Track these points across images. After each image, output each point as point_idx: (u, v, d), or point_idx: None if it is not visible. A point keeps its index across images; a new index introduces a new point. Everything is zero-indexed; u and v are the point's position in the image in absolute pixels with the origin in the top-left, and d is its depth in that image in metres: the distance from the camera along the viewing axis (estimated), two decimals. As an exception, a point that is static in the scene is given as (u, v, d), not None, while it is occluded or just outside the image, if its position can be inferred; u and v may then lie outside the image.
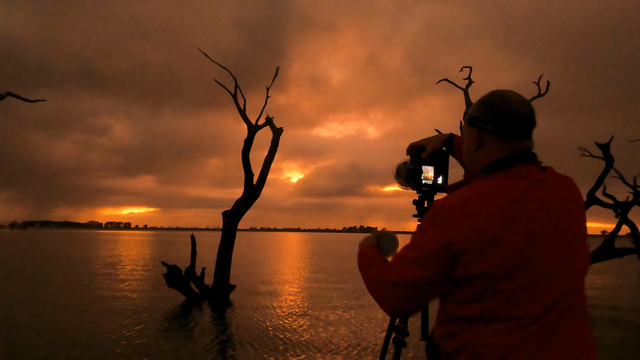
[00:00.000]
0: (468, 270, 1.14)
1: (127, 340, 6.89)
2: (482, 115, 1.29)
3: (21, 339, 6.93)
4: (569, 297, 1.18)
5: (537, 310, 1.13)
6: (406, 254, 1.24)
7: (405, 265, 1.23)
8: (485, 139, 1.29)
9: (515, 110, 1.26)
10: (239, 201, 11.45)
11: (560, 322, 1.15)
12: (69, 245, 43.93)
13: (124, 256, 27.71)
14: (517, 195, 1.17)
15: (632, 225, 18.27)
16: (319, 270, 20.30)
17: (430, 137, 1.83)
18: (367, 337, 7.37)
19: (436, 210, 1.21)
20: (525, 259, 1.13)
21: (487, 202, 1.16)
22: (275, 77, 12.48)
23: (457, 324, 1.19)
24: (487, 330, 1.14)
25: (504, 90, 1.32)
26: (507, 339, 1.12)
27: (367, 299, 11.58)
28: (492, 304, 1.14)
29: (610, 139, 14.05)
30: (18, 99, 9.92)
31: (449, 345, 1.21)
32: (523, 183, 1.20)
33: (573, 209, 1.24)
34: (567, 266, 1.19)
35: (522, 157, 1.25)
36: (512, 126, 1.26)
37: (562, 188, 1.25)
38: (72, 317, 8.65)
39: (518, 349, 1.12)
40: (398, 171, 1.81)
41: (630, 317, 9.69)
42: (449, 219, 1.17)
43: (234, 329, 7.91)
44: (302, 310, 9.78)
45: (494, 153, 1.27)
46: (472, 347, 1.15)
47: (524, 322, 1.13)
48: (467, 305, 1.17)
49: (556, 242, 1.18)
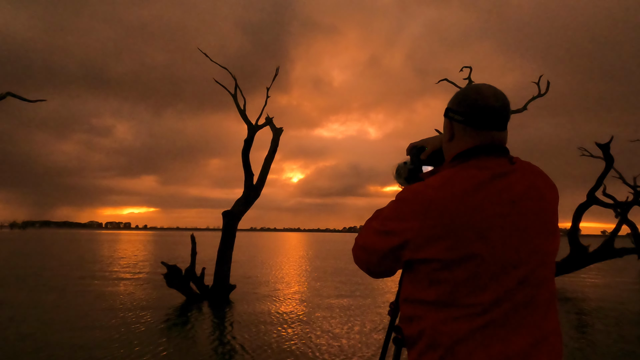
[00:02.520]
0: (418, 253, 1.20)
1: (127, 340, 6.89)
2: (454, 106, 1.33)
3: (15, 341, 6.93)
4: (526, 288, 1.17)
5: (488, 299, 1.14)
6: (374, 224, 1.33)
7: (370, 234, 1.33)
8: (456, 129, 1.33)
9: (486, 102, 1.28)
10: (239, 201, 11.45)
11: (514, 313, 1.15)
12: (68, 246, 43.92)
13: (124, 256, 27.70)
14: (474, 186, 1.19)
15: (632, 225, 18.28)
16: (318, 269, 20.29)
17: (430, 138, 1.84)
18: (368, 338, 7.37)
19: (403, 193, 1.27)
20: (475, 248, 1.15)
21: (443, 190, 1.20)
22: (275, 77, 12.51)
23: (414, 306, 1.23)
24: (440, 317, 1.17)
25: (479, 84, 1.34)
26: (458, 327, 1.14)
27: (367, 298, 11.58)
28: (444, 291, 1.17)
29: (610, 139, 14.06)
30: (18, 99, 9.93)
31: (410, 329, 1.25)
32: (484, 174, 1.22)
33: (536, 203, 1.24)
34: (523, 259, 1.18)
35: (489, 149, 1.27)
36: (482, 117, 1.28)
37: (527, 181, 1.25)
38: (71, 316, 8.65)
39: (469, 337, 1.13)
40: (398, 171, 1.81)
41: (630, 316, 9.69)
42: (408, 203, 1.23)
43: (234, 329, 7.91)
44: (302, 310, 9.78)
45: (464, 144, 1.31)
46: (428, 333, 1.19)
47: (475, 310, 1.14)
48: (421, 289, 1.21)
49: (513, 234, 1.18)
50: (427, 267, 1.19)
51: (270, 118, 12.13)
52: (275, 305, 10.36)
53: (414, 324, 1.23)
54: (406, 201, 1.24)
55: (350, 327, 8.13)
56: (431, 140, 1.82)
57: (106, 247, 41.88)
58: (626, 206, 17.07)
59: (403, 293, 1.30)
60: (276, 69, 12.64)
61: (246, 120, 11.91)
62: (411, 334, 1.24)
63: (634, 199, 17.39)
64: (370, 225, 1.35)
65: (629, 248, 15.21)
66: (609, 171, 14.50)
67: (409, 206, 1.23)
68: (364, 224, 1.44)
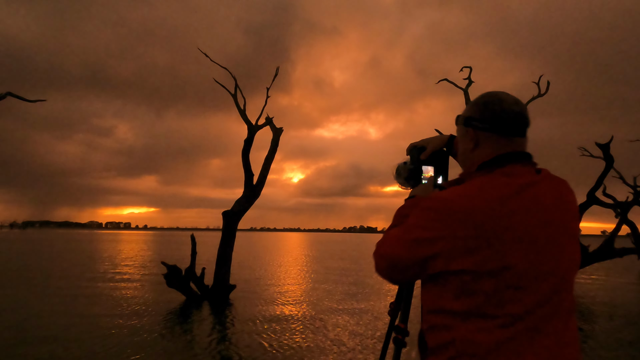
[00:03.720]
0: (450, 265, 1.17)
1: (126, 340, 6.89)
2: (477, 115, 1.32)
3: (16, 339, 6.93)
4: (555, 298, 1.18)
5: (521, 310, 1.14)
6: (398, 233, 1.30)
7: (396, 243, 1.29)
8: (481, 138, 1.31)
9: (510, 109, 1.28)
10: (239, 201, 11.46)
11: (544, 322, 1.16)
12: (68, 246, 43.91)
13: (124, 256, 27.70)
14: (507, 195, 1.18)
15: (632, 225, 18.26)
16: (318, 269, 20.29)
17: (431, 138, 1.84)
18: (368, 338, 7.38)
19: (430, 201, 1.24)
20: (510, 258, 1.14)
21: (477, 199, 1.17)
22: (275, 77, 12.51)
23: (443, 316, 1.21)
24: (471, 327, 1.15)
25: (497, 91, 1.35)
26: (490, 337, 1.13)
27: (367, 298, 11.58)
28: (475, 302, 1.15)
29: (610, 139, 14.06)
30: (18, 98, 9.93)
31: (435, 339, 1.22)
32: (516, 182, 1.21)
33: (565, 213, 1.24)
34: (555, 268, 1.19)
35: (516, 157, 1.27)
36: (508, 125, 1.28)
37: (554, 191, 1.25)
38: (70, 317, 8.65)
39: (500, 347, 1.13)
40: (398, 171, 1.81)
41: (630, 316, 9.69)
42: (438, 212, 1.20)
43: (233, 329, 7.91)
44: (302, 310, 9.78)
45: (490, 152, 1.29)
46: (456, 344, 1.16)
47: (506, 321, 1.13)
48: (451, 300, 1.19)
49: (544, 244, 1.18)
50: (458, 278, 1.17)
51: (270, 118, 12.13)
52: (275, 305, 10.36)
53: (443, 334, 1.20)
54: (437, 210, 1.20)
55: (351, 327, 8.12)
56: (431, 141, 1.82)
57: (106, 247, 41.88)
58: (626, 206, 17.06)
59: (429, 303, 1.27)
60: (276, 69, 12.65)
61: (246, 120, 11.92)
62: (438, 344, 1.21)
63: (634, 199, 17.39)
64: (395, 233, 1.31)
65: (629, 248, 15.21)
66: (609, 171, 14.50)
67: (440, 215, 1.19)
68: (389, 233, 1.39)
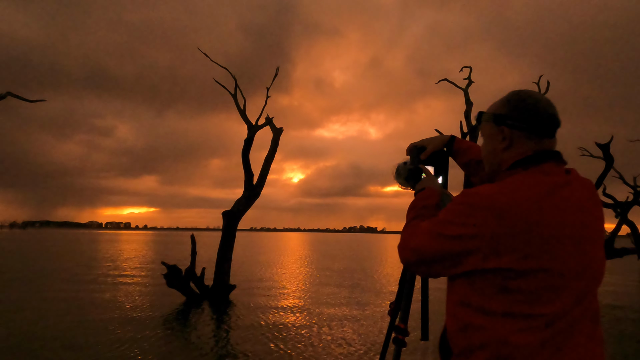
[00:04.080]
0: (487, 262, 1.14)
1: (126, 340, 6.89)
2: (512, 113, 1.30)
3: (17, 340, 6.93)
4: (587, 298, 1.18)
5: (557, 310, 1.13)
6: (433, 227, 1.26)
7: (428, 237, 1.25)
8: (516, 137, 1.30)
9: (545, 110, 1.28)
10: (239, 201, 11.46)
11: (578, 323, 1.16)
12: (68, 246, 43.90)
13: (124, 256, 27.69)
14: (546, 193, 1.17)
15: (632, 225, 18.27)
16: (318, 269, 20.29)
17: (431, 138, 1.84)
18: (368, 338, 7.37)
19: (467, 197, 1.21)
20: (549, 257, 1.13)
21: (517, 196, 1.16)
22: (275, 77, 12.51)
23: (477, 316, 1.17)
24: (508, 328, 1.13)
25: (530, 91, 1.33)
26: (528, 339, 1.11)
27: (367, 299, 11.58)
28: (513, 300, 1.13)
29: (610, 139, 14.07)
30: (18, 98, 9.93)
31: (466, 340, 1.19)
32: (552, 181, 1.21)
33: (595, 213, 1.24)
34: (588, 268, 1.19)
35: (551, 156, 1.27)
36: (544, 125, 1.28)
37: (585, 191, 1.25)
38: (70, 317, 8.65)
39: (539, 349, 1.11)
40: (398, 171, 1.81)
41: (630, 315, 9.69)
42: (477, 208, 1.17)
43: (234, 329, 7.91)
44: (302, 310, 9.78)
45: (523, 151, 1.28)
46: (492, 345, 1.13)
47: (544, 321, 1.12)
48: (485, 299, 1.16)
49: (578, 243, 1.18)
50: (495, 276, 1.14)
51: (270, 118, 12.13)
52: (275, 305, 10.35)
53: (476, 335, 1.17)
54: (475, 206, 1.17)
55: (353, 327, 8.12)
56: (431, 141, 1.82)
57: (106, 247, 41.87)
58: (626, 206, 17.08)
59: (459, 301, 1.23)
60: (276, 69, 12.65)
61: (246, 120, 11.92)
62: (470, 346, 1.18)
63: (634, 199, 17.40)
64: (427, 227, 1.28)
65: (629, 248, 15.23)
66: (609, 171, 14.51)
67: (479, 211, 1.16)
68: (409, 225, 1.38)
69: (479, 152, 1.79)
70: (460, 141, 1.85)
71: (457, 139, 1.86)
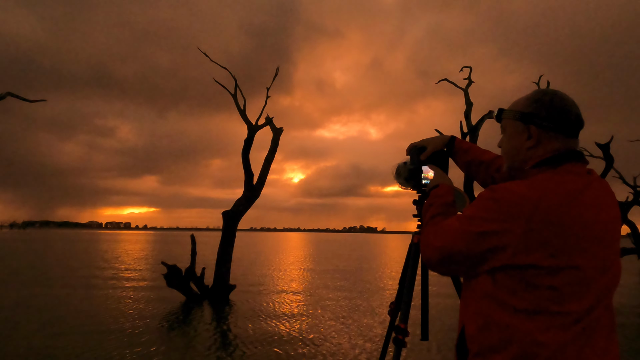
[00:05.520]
0: (516, 259, 1.14)
1: (126, 340, 6.89)
2: (540, 113, 1.30)
3: (15, 341, 6.93)
4: (607, 297, 1.20)
5: (584, 307, 1.14)
6: (459, 225, 1.25)
7: (453, 235, 1.25)
8: (542, 135, 1.30)
9: (574, 110, 1.30)
10: (239, 201, 11.46)
11: (599, 321, 1.17)
12: (67, 246, 43.89)
13: (123, 256, 27.68)
14: (575, 191, 1.19)
15: (632, 225, 18.29)
16: (318, 269, 20.28)
17: (431, 138, 1.84)
18: (368, 338, 7.37)
19: (496, 193, 1.21)
20: (577, 254, 1.14)
21: (548, 194, 1.16)
22: (275, 76, 12.51)
23: (501, 314, 1.16)
24: (535, 325, 1.12)
25: (557, 91, 1.34)
26: (557, 336, 1.11)
27: (368, 299, 11.58)
28: (539, 298, 1.13)
29: (610, 139, 14.07)
30: (18, 98, 9.93)
31: (488, 339, 1.17)
32: (578, 180, 1.22)
33: (614, 213, 1.26)
34: (611, 267, 1.20)
35: (575, 156, 1.28)
36: (571, 125, 1.29)
37: (606, 190, 1.27)
38: (70, 317, 8.65)
39: (567, 346, 1.11)
40: (398, 171, 1.81)
41: (630, 316, 9.69)
42: (507, 204, 1.17)
43: (234, 329, 7.90)
44: (302, 310, 9.78)
45: (550, 150, 1.29)
46: (519, 344, 1.13)
47: (571, 318, 1.12)
48: (512, 296, 1.16)
49: (603, 242, 1.19)
50: (522, 272, 1.14)
51: (270, 118, 12.12)
52: (275, 305, 10.35)
53: (499, 333, 1.16)
54: (505, 202, 1.17)
55: (353, 327, 8.12)
56: (432, 141, 1.82)
57: (105, 247, 41.84)
58: (626, 206, 17.09)
59: (480, 299, 1.21)
60: (276, 68, 12.64)
61: (246, 120, 11.92)
62: (490, 343, 1.17)
63: (634, 199, 17.41)
64: (454, 225, 1.27)
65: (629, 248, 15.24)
66: (609, 171, 14.50)
67: (509, 207, 1.16)
68: (432, 222, 1.37)
69: (479, 153, 1.79)
70: (461, 142, 1.85)
71: (458, 139, 1.86)
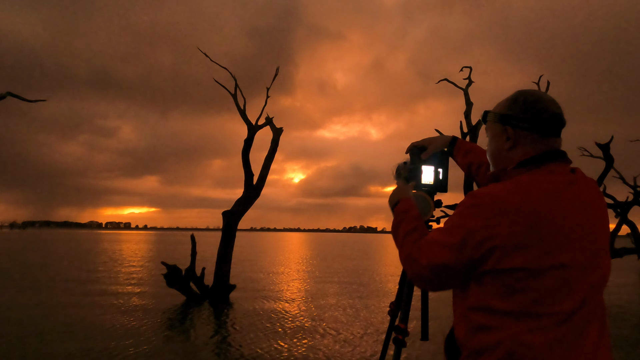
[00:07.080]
0: (502, 263, 1.14)
1: (126, 340, 6.88)
2: (517, 113, 1.30)
3: (17, 341, 6.93)
4: (595, 297, 1.19)
5: (570, 307, 1.13)
6: (441, 238, 1.24)
7: (437, 250, 1.23)
8: (520, 136, 1.30)
9: (550, 109, 1.29)
10: (239, 201, 11.45)
11: (587, 321, 1.16)
12: (67, 246, 43.88)
13: (123, 256, 27.67)
14: (556, 191, 1.18)
15: (632, 225, 18.28)
16: (319, 269, 20.28)
17: (432, 138, 1.83)
18: (368, 338, 7.37)
19: (476, 199, 1.20)
20: (562, 255, 1.14)
21: (529, 195, 1.16)
22: (275, 76, 12.50)
23: (490, 317, 1.17)
24: (522, 327, 1.13)
25: (534, 90, 1.34)
26: (543, 337, 1.11)
27: (368, 299, 11.57)
28: (526, 300, 1.13)
29: (610, 139, 14.06)
30: (18, 98, 9.92)
31: (478, 341, 1.18)
32: (560, 180, 1.21)
33: (600, 211, 1.25)
34: (597, 267, 1.20)
35: (556, 155, 1.27)
36: (548, 124, 1.28)
37: (591, 190, 1.27)
38: (70, 318, 8.65)
39: (554, 346, 1.11)
40: (398, 171, 1.81)
41: (630, 316, 9.69)
42: (487, 209, 1.16)
43: (233, 329, 7.90)
44: (302, 310, 9.78)
45: (529, 150, 1.29)
46: (505, 346, 1.13)
47: (558, 319, 1.12)
48: (499, 299, 1.15)
49: (587, 241, 1.18)
50: (508, 276, 1.14)
51: (270, 118, 12.12)
52: (275, 305, 10.35)
53: (488, 336, 1.16)
54: (486, 207, 1.16)
55: (353, 327, 8.12)
56: (432, 141, 1.81)
57: (105, 247, 41.83)
58: (626, 206, 17.08)
59: (470, 304, 1.22)
60: (276, 68, 12.64)
61: (246, 120, 11.92)
62: (481, 347, 1.17)
63: (634, 199, 17.40)
64: (437, 239, 1.25)
65: (629, 248, 15.23)
66: (609, 171, 14.50)
67: (490, 212, 1.15)
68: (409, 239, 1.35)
69: (481, 154, 1.78)
70: (462, 142, 1.83)
71: (459, 140, 1.85)
